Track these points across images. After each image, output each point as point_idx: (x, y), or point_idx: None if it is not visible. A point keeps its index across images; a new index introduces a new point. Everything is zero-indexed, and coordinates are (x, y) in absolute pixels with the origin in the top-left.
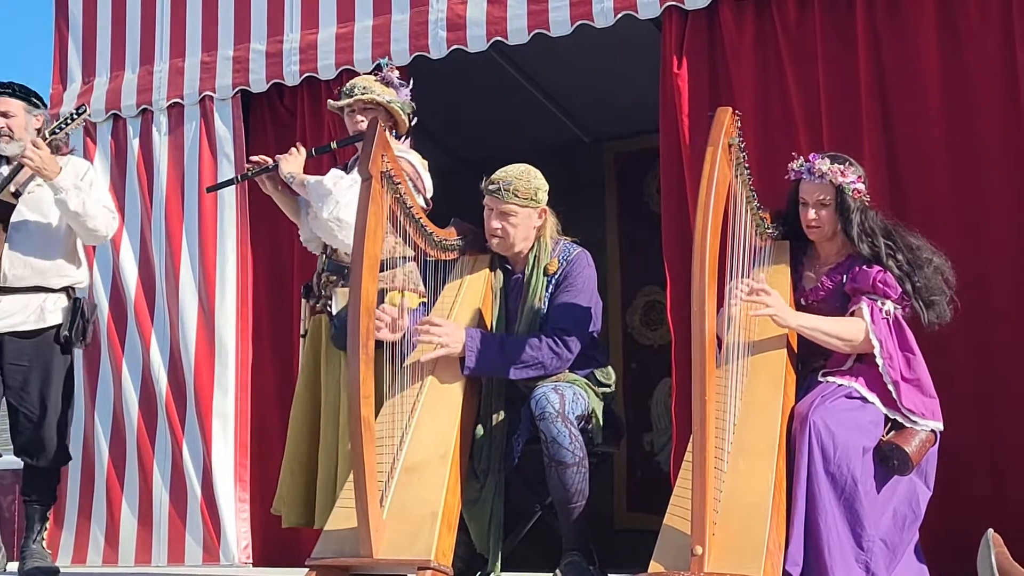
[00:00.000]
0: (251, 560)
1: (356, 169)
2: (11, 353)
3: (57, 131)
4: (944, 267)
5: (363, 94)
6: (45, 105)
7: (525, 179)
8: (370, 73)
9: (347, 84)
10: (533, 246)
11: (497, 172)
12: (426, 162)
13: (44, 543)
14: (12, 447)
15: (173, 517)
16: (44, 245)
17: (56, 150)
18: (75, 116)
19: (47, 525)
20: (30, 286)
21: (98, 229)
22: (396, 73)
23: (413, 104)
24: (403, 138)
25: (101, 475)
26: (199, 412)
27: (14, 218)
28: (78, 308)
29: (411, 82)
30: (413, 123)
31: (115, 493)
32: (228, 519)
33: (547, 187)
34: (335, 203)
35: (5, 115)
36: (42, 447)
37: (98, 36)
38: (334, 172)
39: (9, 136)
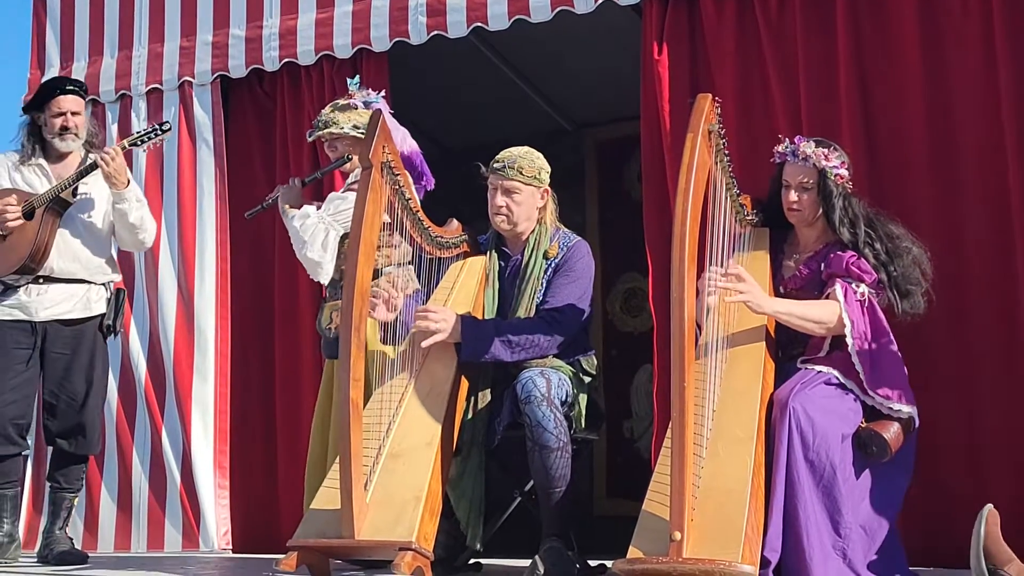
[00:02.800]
0: (231, 546)
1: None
2: (55, 340)
3: (138, 143)
4: (922, 258)
5: (324, 128)
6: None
7: (529, 158)
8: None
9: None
10: (534, 229)
11: (502, 152)
12: None
13: (67, 530)
14: (45, 433)
15: (153, 503)
16: (92, 243)
17: (92, 145)
18: (159, 132)
19: (72, 513)
20: (77, 279)
21: (146, 241)
22: (359, 95)
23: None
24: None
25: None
26: (179, 399)
27: (66, 214)
28: (120, 299)
29: (372, 93)
30: None
31: (95, 479)
32: (208, 505)
33: (549, 169)
34: (302, 244)
35: (76, 113)
36: (82, 433)
37: (76, 21)
38: (303, 211)
39: (75, 135)
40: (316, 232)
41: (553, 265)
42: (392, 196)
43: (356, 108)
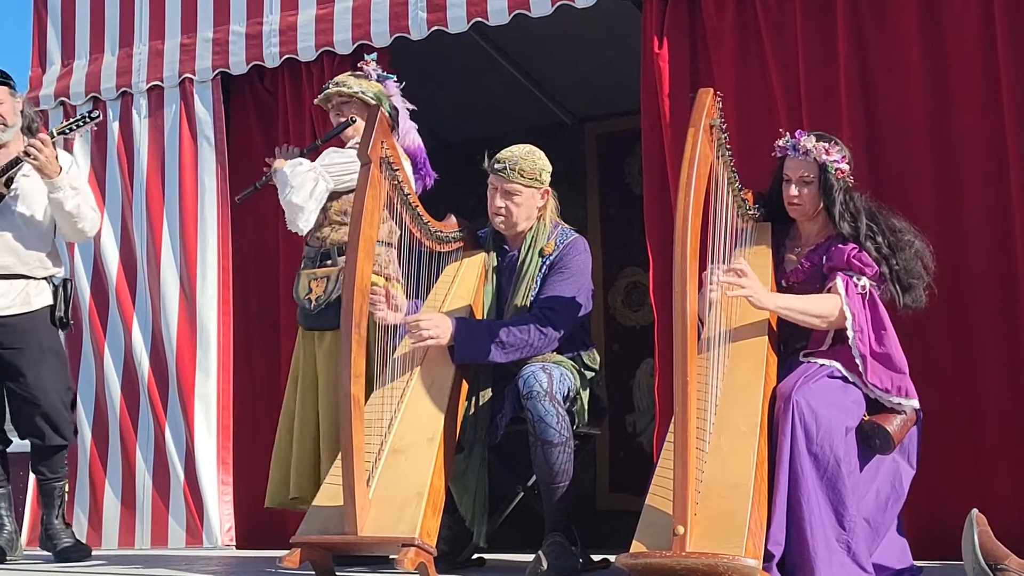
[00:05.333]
0: (234, 542)
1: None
2: (4, 337)
3: (67, 132)
4: (924, 252)
5: (336, 87)
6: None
7: (530, 159)
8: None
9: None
10: (532, 226)
11: (503, 151)
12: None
13: (64, 518)
14: (16, 430)
15: (156, 500)
16: (30, 236)
17: (32, 133)
18: (88, 120)
19: (65, 499)
20: (13, 274)
21: (86, 230)
22: (375, 67)
23: (391, 98)
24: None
25: (84, 459)
26: (181, 396)
27: (1, 207)
28: (68, 291)
29: (383, 67)
30: (397, 115)
31: (98, 476)
32: (211, 502)
33: (551, 168)
34: (288, 188)
35: (1, 103)
36: (49, 424)
37: (77, 18)
38: (296, 160)
39: (4, 124)
40: (306, 179)
41: (549, 262)
42: (391, 191)
43: (370, 78)
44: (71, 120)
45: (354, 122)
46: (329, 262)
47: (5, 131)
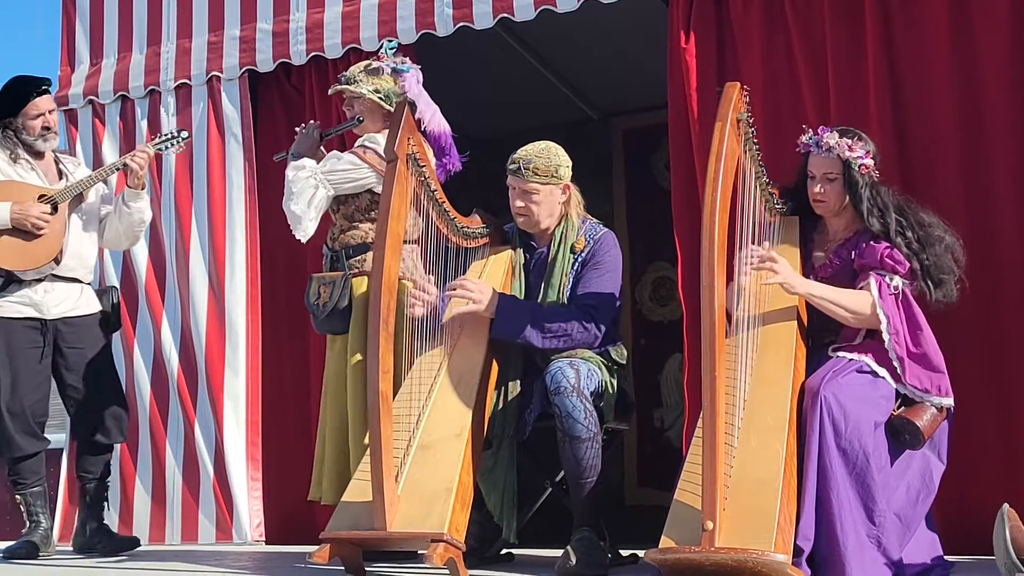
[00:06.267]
0: (264, 537)
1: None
2: (66, 337)
3: (162, 148)
4: (955, 245)
5: (345, 84)
6: None
7: (545, 156)
8: (375, 52)
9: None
10: (560, 223)
11: (518, 151)
12: None
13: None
14: (72, 428)
15: (186, 496)
16: (88, 243)
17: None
18: (179, 138)
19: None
20: (74, 277)
21: (141, 239)
22: (390, 60)
23: (407, 93)
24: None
25: (115, 455)
26: (211, 392)
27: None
28: (116, 296)
29: (408, 62)
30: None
31: (128, 472)
32: (240, 497)
33: (570, 163)
34: (289, 194)
35: (51, 112)
36: (105, 423)
37: (105, 17)
38: (300, 162)
39: (55, 132)
40: (305, 186)
41: (581, 259)
42: (418, 187)
43: (383, 74)
44: (164, 137)
45: (361, 122)
46: (338, 266)
47: (55, 139)
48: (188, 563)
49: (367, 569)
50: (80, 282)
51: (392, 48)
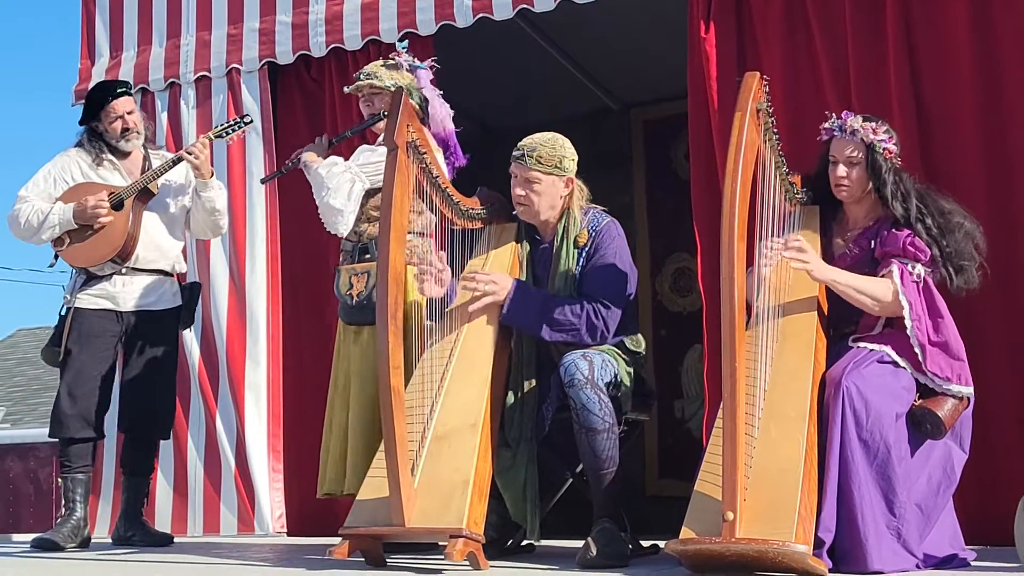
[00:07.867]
0: (285, 529)
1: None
2: (137, 331)
3: (223, 135)
4: (975, 232)
5: (366, 79)
6: None
7: (550, 146)
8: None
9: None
10: (562, 217)
11: (524, 139)
12: None
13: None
14: (120, 420)
15: (208, 488)
16: (171, 233)
17: (147, 140)
18: (242, 124)
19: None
20: (156, 268)
21: (223, 226)
22: (407, 57)
23: (422, 89)
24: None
25: None
26: (231, 384)
27: (149, 205)
28: (196, 293)
29: (422, 58)
30: (427, 105)
31: None
32: (262, 489)
33: (575, 156)
34: (325, 190)
35: (131, 113)
36: (154, 419)
37: (125, 10)
38: (330, 159)
39: (137, 132)
40: (342, 180)
41: (584, 253)
42: (420, 175)
43: (401, 69)
44: (227, 124)
45: (386, 116)
46: (368, 256)
47: (137, 138)
48: (210, 556)
49: (387, 560)
50: (163, 273)
51: (404, 46)
